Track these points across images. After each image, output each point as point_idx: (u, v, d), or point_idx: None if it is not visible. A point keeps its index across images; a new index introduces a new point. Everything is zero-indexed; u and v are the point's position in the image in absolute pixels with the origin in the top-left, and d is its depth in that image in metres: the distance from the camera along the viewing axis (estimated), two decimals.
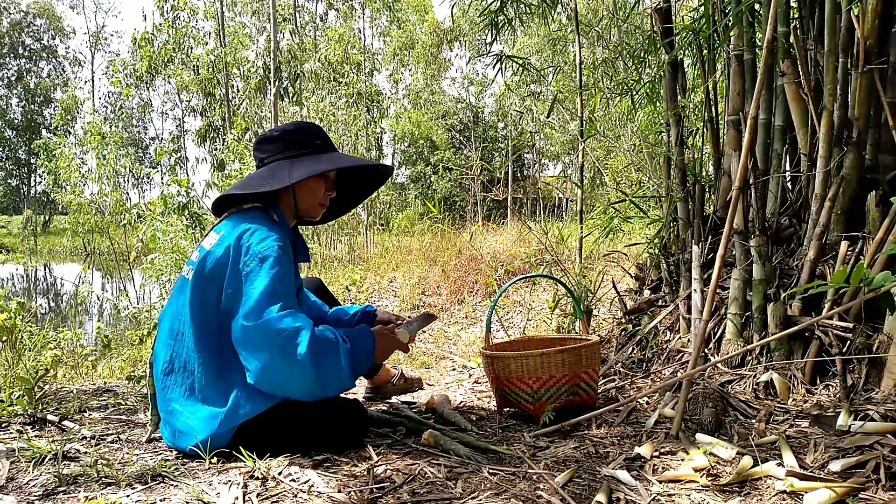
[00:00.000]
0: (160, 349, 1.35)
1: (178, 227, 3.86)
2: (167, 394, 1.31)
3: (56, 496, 1.08)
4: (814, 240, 1.67)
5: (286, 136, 1.40)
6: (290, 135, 1.40)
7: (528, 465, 1.20)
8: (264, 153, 1.41)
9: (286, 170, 1.36)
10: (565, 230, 4.50)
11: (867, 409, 1.38)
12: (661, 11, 2.17)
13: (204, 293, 1.29)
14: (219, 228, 1.36)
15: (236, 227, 1.31)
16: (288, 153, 1.39)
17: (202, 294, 1.29)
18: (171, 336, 1.33)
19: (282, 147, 1.40)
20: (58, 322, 5.06)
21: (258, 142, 1.44)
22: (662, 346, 1.97)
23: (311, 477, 1.15)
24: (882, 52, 1.62)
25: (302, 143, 1.40)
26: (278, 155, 1.39)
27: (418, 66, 18.79)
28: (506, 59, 3.00)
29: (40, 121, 28.38)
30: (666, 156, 2.23)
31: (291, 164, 1.37)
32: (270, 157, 1.40)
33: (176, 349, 1.31)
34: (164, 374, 1.32)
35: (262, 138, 1.43)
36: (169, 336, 1.33)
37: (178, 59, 9.69)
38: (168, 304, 1.38)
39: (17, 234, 21.91)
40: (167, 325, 1.35)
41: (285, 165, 1.37)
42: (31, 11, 28.41)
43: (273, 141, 1.41)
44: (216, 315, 1.28)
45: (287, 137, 1.40)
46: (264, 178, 1.36)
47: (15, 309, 2.50)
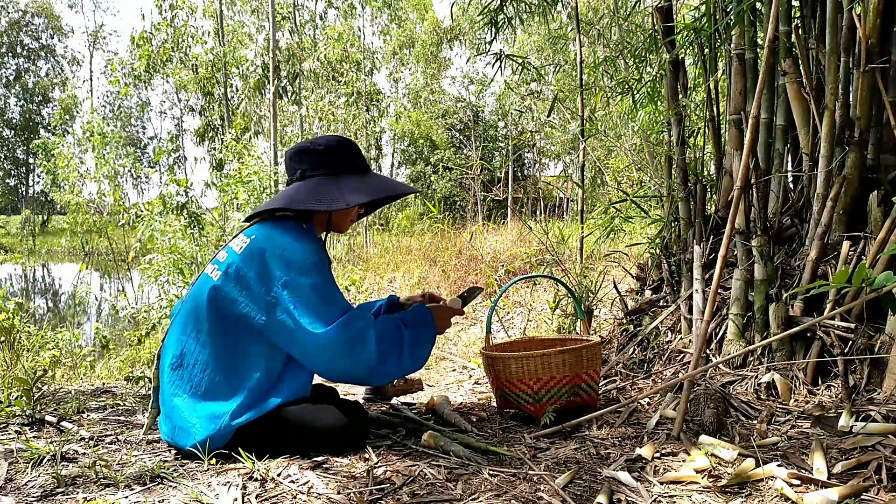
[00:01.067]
0: (171, 343, 1.35)
1: (177, 228, 3.85)
2: (172, 388, 1.31)
3: (54, 497, 1.08)
4: (815, 240, 1.66)
5: (329, 151, 1.41)
6: (333, 151, 1.41)
7: (529, 466, 1.20)
8: (304, 165, 1.41)
9: (333, 189, 1.37)
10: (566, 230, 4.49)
11: (869, 409, 1.38)
12: (662, 10, 2.16)
13: (227, 296, 1.29)
14: (249, 232, 1.36)
15: (269, 234, 1.33)
16: (330, 169, 1.40)
17: (225, 296, 1.29)
18: (185, 332, 1.33)
19: (324, 162, 1.40)
20: (56, 322, 5.05)
21: (297, 152, 1.43)
22: (664, 347, 1.97)
23: (310, 478, 1.14)
24: (884, 52, 1.62)
25: (344, 160, 1.42)
26: (320, 170, 1.40)
27: (418, 65, 18.78)
28: (505, 58, 3.00)
29: (38, 120, 28.34)
30: (667, 155, 2.22)
31: (337, 184, 1.38)
32: (311, 171, 1.40)
33: (187, 345, 1.31)
34: (171, 369, 1.32)
35: (304, 149, 1.42)
36: (182, 332, 1.33)
37: (177, 58, 9.68)
38: (185, 300, 1.38)
39: (16, 234, 21.88)
40: (182, 320, 1.35)
41: (330, 184, 1.38)
42: (30, 10, 28.36)
43: (315, 154, 1.41)
44: (236, 318, 1.29)
45: (329, 153, 1.41)
46: (311, 195, 1.36)
47: (13, 309, 2.49)
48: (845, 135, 1.66)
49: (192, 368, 1.29)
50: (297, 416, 1.27)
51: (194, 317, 1.32)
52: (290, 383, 1.31)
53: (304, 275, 1.27)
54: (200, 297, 1.32)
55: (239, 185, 4.02)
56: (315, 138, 1.47)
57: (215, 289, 1.30)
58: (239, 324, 1.29)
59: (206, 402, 1.27)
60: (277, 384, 1.30)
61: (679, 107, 2.12)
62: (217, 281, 1.31)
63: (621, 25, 3.46)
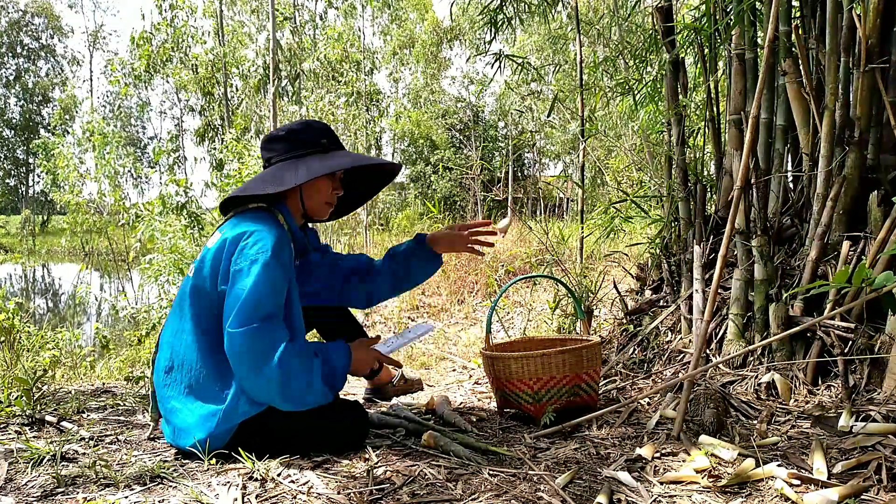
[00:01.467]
0: (162, 347, 1.35)
1: (177, 227, 3.85)
2: (167, 391, 1.31)
3: (54, 497, 1.08)
4: (815, 240, 1.66)
5: (292, 135, 1.38)
6: (296, 134, 1.38)
7: (529, 466, 1.20)
8: (271, 153, 1.40)
9: (292, 171, 1.34)
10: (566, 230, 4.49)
11: (869, 409, 1.38)
12: (662, 10, 2.16)
13: (202, 292, 1.29)
14: (221, 228, 1.36)
15: (236, 227, 1.31)
16: (294, 153, 1.37)
17: (201, 292, 1.29)
18: (173, 334, 1.33)
19: (288, 147, 1.38)
20: (56, 322, 5.05)
21: (264, 141, 1.42)
22: (664, 347, 1.97)
23: (310, 478, 1.14)
24: (884, 52, 1.62)
25: (308, 141, 1.38)
26: (284, 155, 1.38)
27: (418, 65, 18.77)
28: (504, 58, 3.00)
29: (38, 120, 28.33)
30: (667, 155, 2.22)
31: (297, 165, 1.35)
32: (277, 157, 1.38)
33: (176, 347, 1.32)
34: (164, 372, 1.32)
35: (269, 137, 1.41)
36: (171, 334, 1.34)
37: (177, 59, 9.68)
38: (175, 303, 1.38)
39: (16, 234, 21.87)
40: (169, 322, 1.35)
41: (291, 166, 1.35)
42: (30, 10, 28.36)
43: (279, 140, 1.39)
44: (214, 314, 1.28)
45: (293, 137, 1.38)
46: (269, 180, 1.34)
47: (13, 309, 2.49)
48: (845, 135, 1.66)
49: (182, 369, 1.29)
50: (298, 415, 1.27)
51: (179, 317, 1.33)
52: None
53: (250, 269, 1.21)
54: (182, 297, 1.33)
55: (239, 185, 4.02)
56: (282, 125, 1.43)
57: (192, 287, 1.30)
58: (217, 319, 1.27)
59: (200, 401, 1.27)
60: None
61: (679, 107, 2.12)
62: (193, 278, 1.31)
63: (621, 25, 3.46)
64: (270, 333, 1.20)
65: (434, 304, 4.53)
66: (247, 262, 1.23)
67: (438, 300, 4.62)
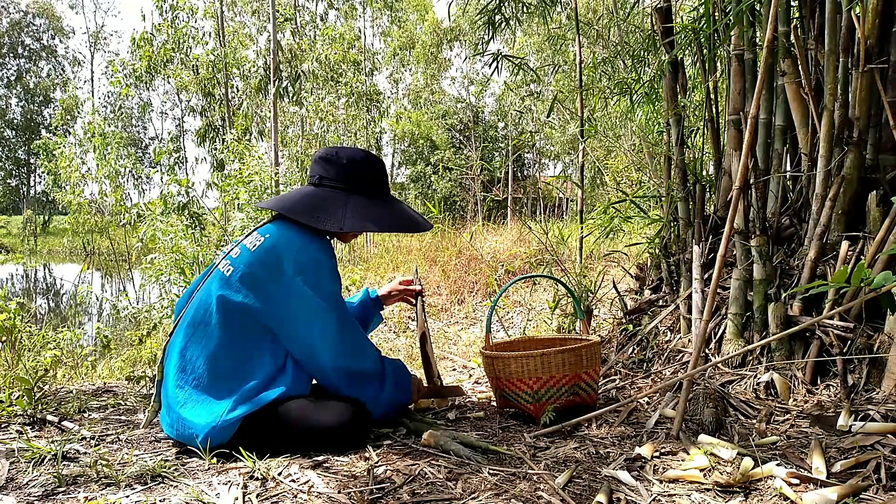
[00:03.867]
0: (178, 336, 1.36)
1: (178, 227, 3.86)
2: (176, 381, 1.31)
3: (56, 496, 1.08)
4: (814, 240, 1.66)
5: (350, 166, 1.41)
6: (354, 167, 1.41)
7: (529, 465, 1.20)
8: (324, 172, 1.43)
9: (338, 207, 1.38)
10: (565, 230, 4.49)
11: (868, 409, 1.38)
12: (661, 11, 2.17)
13: (238, 293, 1.31)
14: (263, 231, 1.39)
15: (282, 234, 1.35)
16: (346, 185, 1.41)
17: (236, 293, 1.31)
18: (192, 325, 1.34)
19: (340, 175, 1.41)
20: (57, 322, 5.06)
21: (321, 157, 1.44)
22: (663, 347, 1.97)
23: (310, 477, 1.14)
24: (883, 52, 1.62)
25: (362, 179, 1.42)
26: (336, 183, 1.41)
27: (418, 66, 18.78)
28: (502, 59, 3.00)
29: (40, 121, 28.37)
30: (666, 155, 2.23)
31: (345, 203, 1.39)
32: (328, 181, 1.42)
33: (194, 338, 1.33)
34: (176, 362, 1.33)
35: (327, 157, 1.43)
36: (189, 325, 1.34)
37: (178, 59, 9.68)
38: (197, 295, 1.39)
39: (17, 234, 21.90)
40: (193, 314, 1.36)
41: (337, 201, 1.39)
42: (31, 11, 28.40)
43: (336, 165, 1.41)
44: (244, 315, 1.30)
45: (349, 168, 1.41)
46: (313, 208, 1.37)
47: (14, 309, 2.50)
48: (844, 135, 1.66)
49: (198, 361, 1.30)
50: (298, 413, 1.28)
51: (203, 311, 1.34)
52: (290, 379, 1.32)
53: (316, 278, 1.31)
54: (210, 292, 1.34)
55: (240, 186, 4.03)
56: (343, 148, 1.46)
57: (226, 285, 1.32)
58: (247, 321, 1.31)
59: (208, 396, 1.28)
60: (278, 380, 1.32)
61: (678, 107, 2.12)
62: (229, 277, 1.33)
63: (620, 26, 3.47)
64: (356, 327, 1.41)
65: (434, 303, 4.53)
66: (310, 272, 1.31)
67: (438, 300, 4.62)
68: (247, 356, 1.31)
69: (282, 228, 1.37)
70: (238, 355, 1.30)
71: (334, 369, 1.36)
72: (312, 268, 1.31)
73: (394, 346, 3.19)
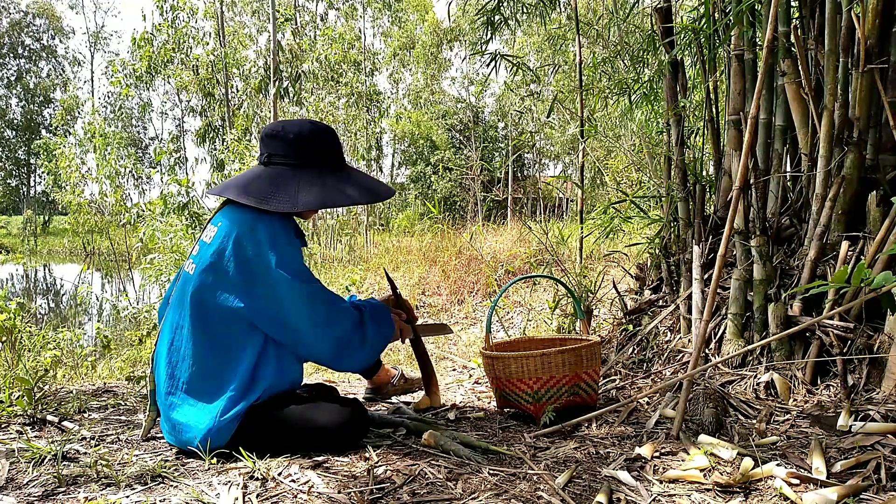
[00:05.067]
0: (162, 344, 1.36)
1: (178, 227, 3.86)
2: (166, 388, 1.31)
3: (56, 497, 1.08)
4: (814, 240, 1.66)
5: (298, 140, 1.35)
6: (302, 140, 1.34)
7: (529, 465, 1.20)
8: (271, 149, 1.36)
9: (289, 185, 1.32)
10: (565, 230, 4.49)
11: (868, 409, 1.38)
12: (661, 11, 2.17)
13: (206, 287, 1.29)
14: (215, 221, 1.36)
15: (235, 217, 1.32)
16: (296, 160, 1.35)
17: (203, 288, 1.29)
18: (172, 330, 1.34)
19: (289, 151, 1.35)
20: (57, 322, 5.06)
21: (267, 134, 1.38)
22: (663, 347, 1.97)
23: (310, 477, 1.14)
24: (883, 52, 1.62)
25: (312, 152, 1.36)
26: (285, 160, 1.35)
27: (418, 66, 18.78)
28: (500, 59, 3.01)
29: (40, 121, 28.38)
30: (666, 156, 2.23)
31: (296, 179, 1.33)
32: (278, 159, 1.35)
33: (175, 343, 1.32)
34: (165, 368, 1.33)
35: (274, 133, 1.36)
36: (170, 330, 1.34)
37: (178, 59, 9.69)
38: (172, 300, 1.38)
39: (17, 234, 21.89)
40: (171, 319, 1.36)
41: (288, 178, 1.33)
42: (31, 11, 28.40)
43: (283, 141, 1.35)
44: (216, 309, 1.29)
45: (298, 143, 1.35)
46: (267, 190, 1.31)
47: (14, 309, 2.50)
48: (844, 135, 1.66)
49: (182, 365, 1.30)
50: (298, 413, 1.28)
51: (179, 314, 1.33)
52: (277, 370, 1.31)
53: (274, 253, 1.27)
54: (182, 294, 1.33)
55: None
56: (289, 122, 1.39)
57: (193, 283, 1.30)
58: (221, 314, 1.28)
59: (199, 398, 1.28)
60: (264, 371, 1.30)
61: (678, 107, 2.12)
62: (193, 275, 1.31)
63: (620, 26, 3.47)
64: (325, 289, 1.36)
65: (434, 303, 4.53)
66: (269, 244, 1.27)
67: (438, 300, 4.62)
68: (227, 351, 1.28)
69: (233, 213, 1.32)
70: (219, 352, 1.29)
71: (315, 341, 1.32)
72: (269, 244, 1.27)
73: (393, 347, 3.19)
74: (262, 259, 1.27)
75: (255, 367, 1.30)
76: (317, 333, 1.32)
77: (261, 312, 1.28)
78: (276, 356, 1.32)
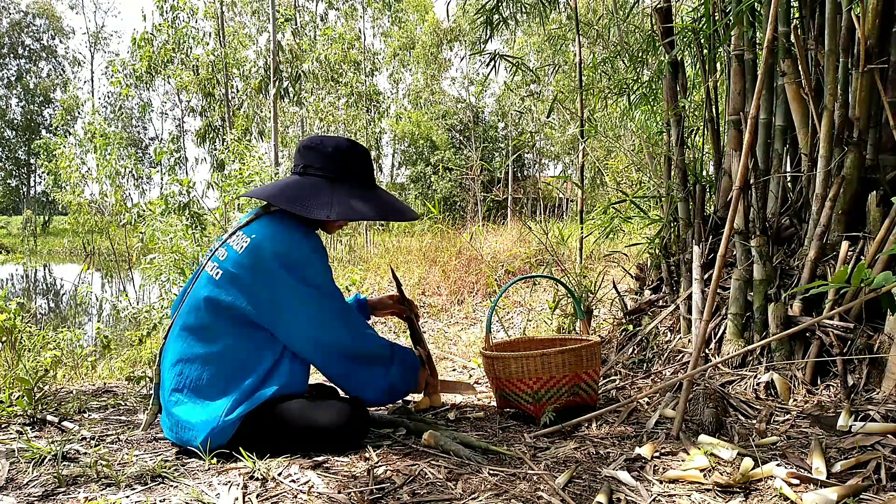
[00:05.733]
0: (172, 340, 1.36)
1: (178, 228, 3.87)
2: (172, 385, 1.32)
3: (56, 497, 1.08)
4: (814, 240, 1.66)
5: (335, 154, 1.39)
6: (339, 155, 1.39)
7: (529, 465, 1.20)
8: (308, 161, 1.40)
9: (324, 195, 1.35)
10: (565, 230, 4.49)
11: (868, 409, 1.38)
12: (661, 11, 2.17)
13: (228, 293, 1.30)
14: (249, 231, 1.36)
15: (269, 232, 1.33)
16: (332, 173, 1.39)
17: (225, 294, 1.30)
18: (185, 328, 1.34)
19: (326, 164, 1.39)
20: (57, 323, 5.06)
21: (306, 146, 1.42)
22: (663, 347, 1.97)
23: (310, 478, 1.14)
24: (883, 52, 1.62)
25: (347, 167, 1.40)
26: (322, 172, 1.38)
27: (418, 66, 18.79)
28: (499, 59, 3.01)
29: (40, 121, 28.39)
30: (666, 156, 2.23)
31: (332, 191, 1.36)
32: (314, 170, 1.39)
33: (187, 342, 1.32)
34: (171, 365, 1.33)
35: (312, 146, 1.41)
36: (182, 328, 1.34)
37: (178, 60, 9.69)
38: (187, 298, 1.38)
39: (17, 234, 21.90)
40: (182, 317, 1.36)
41: (324, 189, 1.36)
42: (31, 11, 28.41)
43: (321, 154, 1.39)
44: (236, 316, 1.30)
45: (335, 157, 1.39)
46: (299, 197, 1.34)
47: (14, 309, 2.50)
48: (844, 135, 1.66)
49: (192, 364, 1.30)
50: (297, 413, 1.28)
51: (194, 314, 1.33)
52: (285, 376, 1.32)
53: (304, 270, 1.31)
54: (199, 294, 1.33)
55: (240, 186, 4.03)
56: (327, 136, 1.44)
57: (216, 287, 1.31)
58: (239, 321, 1.30)
59: (205, 398, 1.28)
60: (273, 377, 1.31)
61: (678, 107, 2.12)
62: (218, 279, 1.32)
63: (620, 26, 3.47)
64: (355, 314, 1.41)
65: (434, 304, 4.53)
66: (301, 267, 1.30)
67: (439, 300, 4.62)
68: (241, 356, 1.30)
69: (267, 227, 1.34)
70: (232, 355, 1.30)
71: (328, 354, 1.34)
72: (301, 262, 1.30)
73: None
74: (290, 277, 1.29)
75: (267, 373, 1.31)
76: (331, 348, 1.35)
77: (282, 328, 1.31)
78: (289, 365, 1.33)
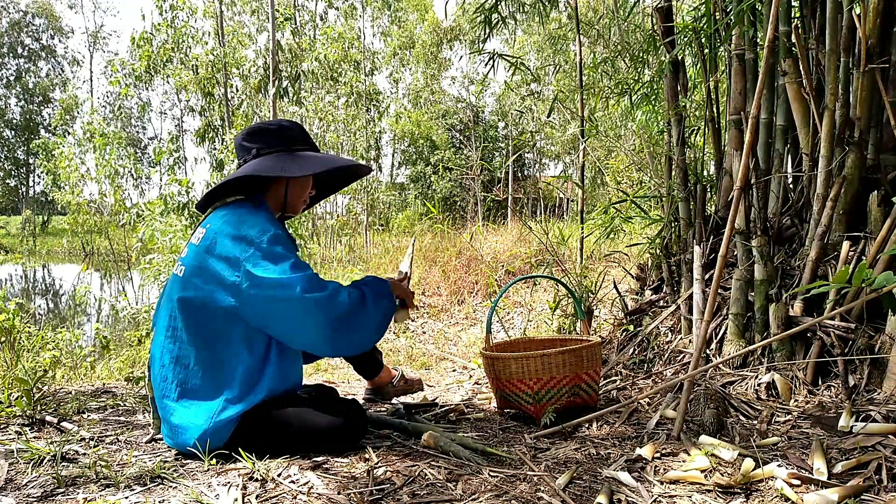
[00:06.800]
0: (156, 347, 1.36)
1: (178, 227, 3.86)
2: (162, 392, 1.32)
3: (55, 497, 1.08)
4: (815, 240, 1.66)
5: (283, 129, 1.43)
6: (288, 130, 1.44)
7: (529, 466, 1.20)
8: (259, 143, 1.42)
9: (290, 161, 1.38)
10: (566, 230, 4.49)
11: (869, 409, 1.38)
12: (661, 10, 2.16)
13: (196, 289, 1.29)
14: (204, 223, 1.37)
15: (223, 219, 1.33)
16: (287, 147, 1.42)
17: (193, 290, 1.29)
18: (165, 333, 1.33)
19: (278, 140, 1.42)
20: (56, 323, 5.06)
21: (250, 132, 1.43)
22: (664, 347, 1.97)
23: (310, 478, 1.14)
24: (884, 52, 1.62)
25: (297, 138, 1.45)
26: (276, 147, 1.41)
27: (418, 66, 18.78)
28: (498, 58, 3.00)
29: (39, 121, 28.36)
30: (667, 155, 2.22)
31: (294, 157, 1.40)
32: (267, 149, 1.41)
33: (169, 346, 1.32)
34: (160, 372, 1.33)
35: (257, 130, 1.43)
36: (163, 334, 1.34)
37: (177, 59, 9.68)
38: (162, 303, 1.39)
39: (16, 234, 21.88)
40: (162, 323, 1.35)
41: (287, 157, 1.39)
42: (30, 11, 28.39)
43: (270, 133, 1.43)
44: (207, 310, 1.28)
45: (283, 131, 1.43)
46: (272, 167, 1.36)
47: (13, 310, 2.49)
48: (845, 135, 1.66)
49: (177, 367, 1.30)
50: (296, 415, 1.27)
51: (171, 317, 1.33)
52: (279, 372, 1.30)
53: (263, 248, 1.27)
54: (172, 296, 1.33)
55: None
56: (264, 121, 1.51)
57: (184, 285, 1.30)
58: (214, 315, 1.28)
59: (195, 400, 1.28)
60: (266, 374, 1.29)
61: (679, 107, 2.12)
62: (183, 277, 1.31)
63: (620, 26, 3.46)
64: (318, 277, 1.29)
65: (434, 304, 4.53)
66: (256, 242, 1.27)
67: (438, 300, 4.62)
68: (222, 353, 1.28)
69: (221, 214, 1.35)
70: (214, 354, 1.28)
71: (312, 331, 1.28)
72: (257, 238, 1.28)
73: (393, 347, 3.18)
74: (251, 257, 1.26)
75: (257, 370, 1.29)
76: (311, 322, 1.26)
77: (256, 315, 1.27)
78: (278, 359, 1.31)
